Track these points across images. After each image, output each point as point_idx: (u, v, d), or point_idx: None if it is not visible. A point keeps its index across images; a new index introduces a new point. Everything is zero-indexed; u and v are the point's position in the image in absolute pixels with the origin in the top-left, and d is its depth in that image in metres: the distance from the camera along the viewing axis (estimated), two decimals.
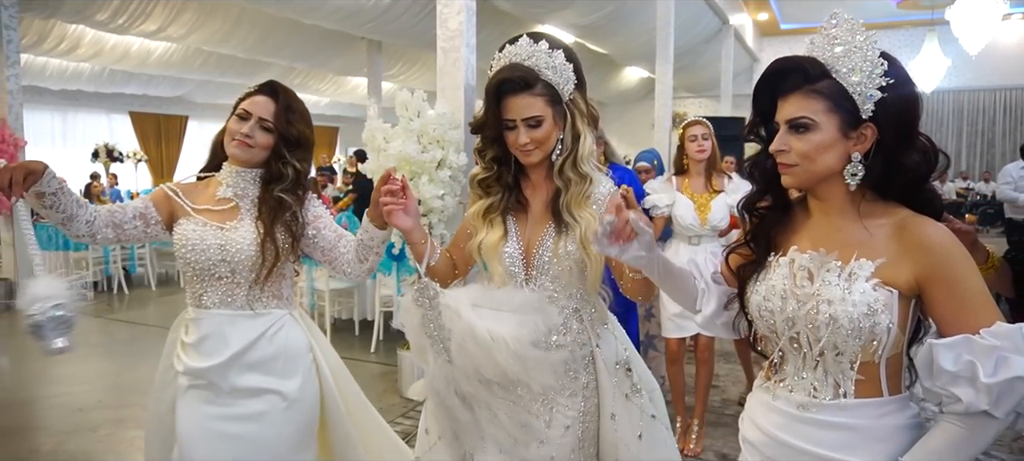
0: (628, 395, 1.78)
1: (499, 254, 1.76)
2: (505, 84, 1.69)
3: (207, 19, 9.74)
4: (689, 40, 12.73)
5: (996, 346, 1.16)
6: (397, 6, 9.19)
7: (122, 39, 10.85)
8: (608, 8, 10.49)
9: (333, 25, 9.68)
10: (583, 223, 1.70)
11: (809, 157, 1.31)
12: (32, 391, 5.03)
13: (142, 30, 9.53)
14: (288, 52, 11.68)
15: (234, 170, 2.01)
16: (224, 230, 1.95)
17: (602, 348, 1.79)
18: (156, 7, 9.05)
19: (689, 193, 3.63)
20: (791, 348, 1.36)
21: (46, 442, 3.91)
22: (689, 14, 11.76)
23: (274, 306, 2.01)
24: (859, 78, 1.28)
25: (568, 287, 1.75)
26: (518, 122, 1.69)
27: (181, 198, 2.01)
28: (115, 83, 13.95)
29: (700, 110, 19.31)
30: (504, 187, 1.80)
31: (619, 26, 11.47)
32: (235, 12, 9.79)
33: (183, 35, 10.03)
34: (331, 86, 16.16)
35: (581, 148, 1.74)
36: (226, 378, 1.94)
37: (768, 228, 1.45)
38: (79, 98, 14.68)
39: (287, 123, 1.98)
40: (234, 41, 10.59)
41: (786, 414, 1.36)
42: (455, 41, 4.53)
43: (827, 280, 1.28)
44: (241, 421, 1.93)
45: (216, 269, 1.94)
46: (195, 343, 1.97)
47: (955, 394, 1.17)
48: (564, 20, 11.07)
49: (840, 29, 1.31)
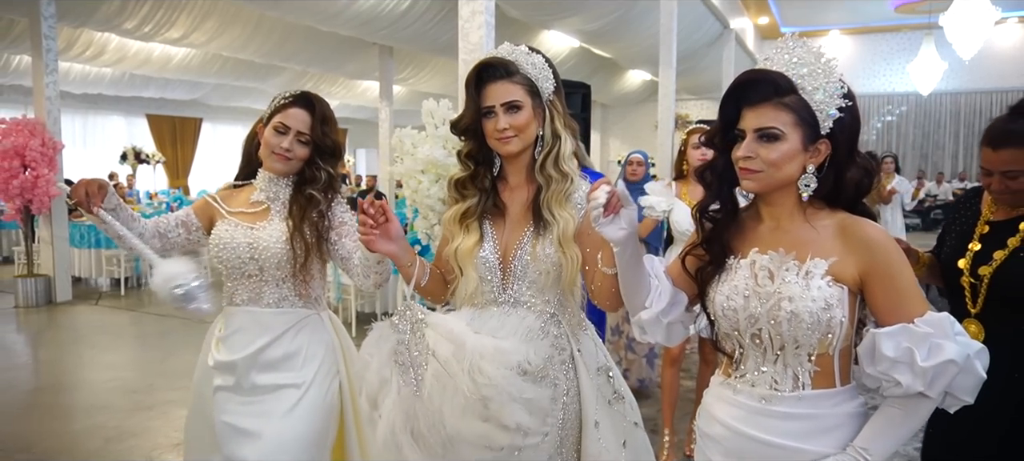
0: (611, 402, 1.76)
1: (474, 259, 1.72)
2: (486, 70, 1.70)
3: (228, 26, 10.17)
4: (691, 44, 13.07)
5: (930, 333, 1.27)
6: (411, 13, 9.58)
7: (144, 45, 11.28)
8: (613, 14, 10.85)
9: (349, 32, 10.08)
10: (562, 222, 1.68)
11: (775, 165, 1.37)
12: (85, 376, 5.44)
13: (167, 37, 9.97)
14: (304, 57, 12.11)
15: (268, 177, 2.08)
16: (254, 229, 2.02)
17: (583, 353, 1.76)
18: (181, 15, 9.49)
19: (687, 199, 3.64)
20: (752, 344, 1.42)
21: (110, 419, 4.30)
22: (691, 19, 12.09)
23: (301, 305, 2.06)
24: (822, 97, 1.36)
25: (545, 292, 1.72)
26: (497, 107, 1.68)
27: (218, 203, 2.11)
28: (134, 87, 14.41)
29: (702, 112, 19.63)
30: (481, 190, 1.77)
31: (623, 31, 11.83)
32: (255, 19, 10.21)
33: (205, 41, 10.47)
34: (342, 89, 16.56)
35: (562, 146, 1.72)
36: (248, 376, 2.00)
37: (721, 232, 1.49)
38: (99, 102, 15.13)
39: (322, 134, 2.02)
40: (252, 47, 11.02)
41: (747, 407, 1.42)
42: (476, 53, 4.90)
43: (786, 279, 1.36)
44: (260, 417, 1.98)
45: (245, 267, 2.01)
46: (225, 337, 2.06)
47: (895, 378, 1.28)
48: (571, 26, 11.44)
49: (804, 51, 1.39)
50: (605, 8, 10.51)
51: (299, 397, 1.99)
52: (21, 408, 4.69)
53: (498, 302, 1.72)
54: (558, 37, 12.66)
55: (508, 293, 1.72)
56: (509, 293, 1.72)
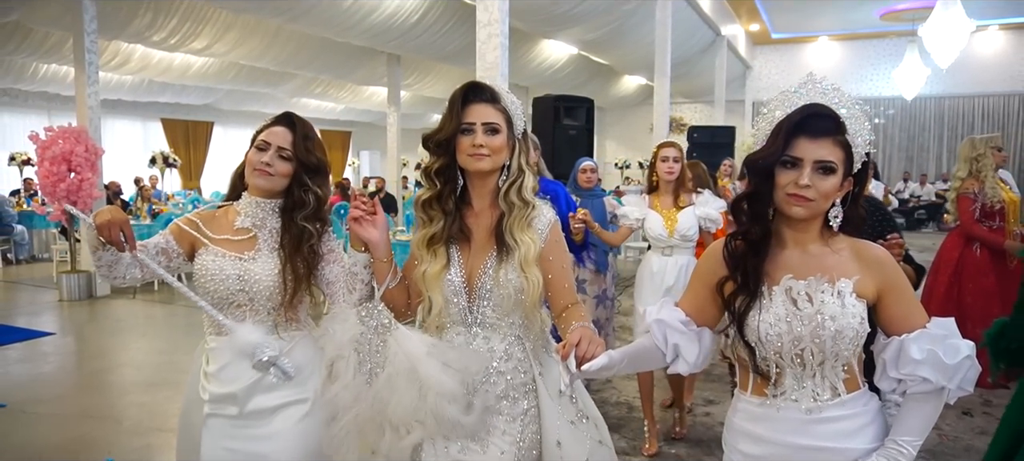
0: (573, 422, 1.80)
1: (441, 283, 1.77)
2: (473, 91, 1.79)
3: (248, 37, 10.82)
4: (685, 51, 13.68)
5: (945, 335, 1.45)
6: (421, 24, 10.23)
7: (166, 54, 11.90)
8: (611, 25, 11.50)
9: (363, 42, 10.74)
10: (524, 247, 1.75)
11: (826, 196, 1.48)
12: (139, 358, 6.05)
13: (191, 48, 10.62)
14: (316, 65, 12.78)
15: (253, 200, 2.03)
16: (243, 260, 1.98)
17: (545, 376, 1.81)
18: (206, 27, 10.11)
19: (659, 208, 3.87)
20: (792, 364, 1.52)
21: (175, 395, 4.91)
22: (685, 27, 12.70)
23: (293, 329, 2.03)
24: (860, 141, 1.51)
25: (509, 314, 1.77)
26: (477, 125, 1.75)
27: (199, 230, 2.04)
28: (151, 92, 15.08)
29: (695, 115, 20.28)
30: (446, 214, 1.81)
31: (620, 40, 12.48)
32: (273, 30, 10.85)
33: (226, 52, 11.11)
34: (349, 94, 17.19)
35: (525, 180, 1.81)
36: (250, 401, 1.97)
37: (758, 264, 1.54)
38: (118, 107, 15.71)
39: (305, 150, 2.00)
40: (270, 56, 11.67)
41: (794, 420, 1.53)
42: (491, 72, 5.52)
43: (825, 301, 1.48)
44: (259, 441, 1.97)
45: (234, 298, 1.97)
46: (216, 372, 2.00)
47: (921, 376, 1.44)
48: (571, 36, 12.10)
49: (839, 95, 1.53)
50: (603, 19, 11.11)
51: (305, 412, 1.98)
52: (98, 385, 5.31)
53: (465, 323, 1.79)
54: (558, 45, 13.30)
55: (473, 315, 1.78)
56: (474, 315, 1.78)
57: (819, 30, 18.77)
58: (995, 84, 18.08)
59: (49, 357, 6.07)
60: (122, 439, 4.22)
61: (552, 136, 6.16)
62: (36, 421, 4.50)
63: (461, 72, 12.56)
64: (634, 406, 4.50)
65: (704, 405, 4.64)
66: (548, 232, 1.81)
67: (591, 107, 6.60)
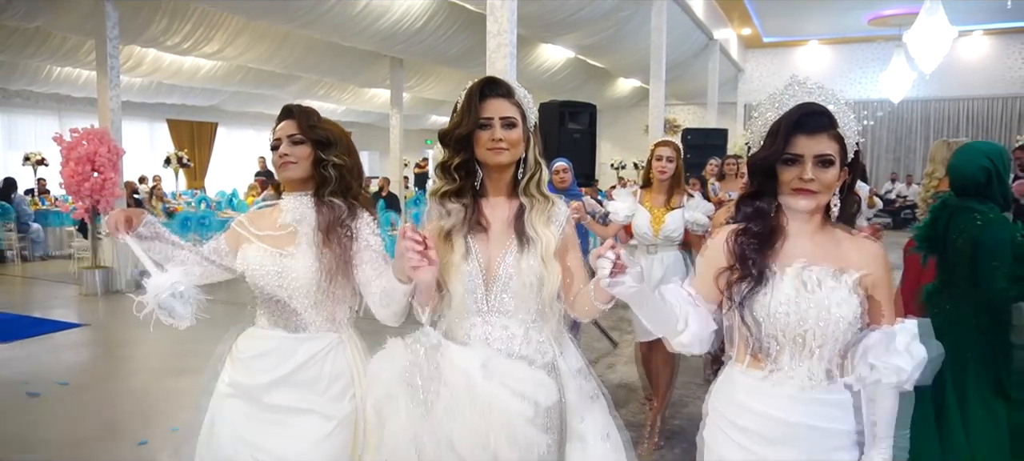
0: (593, 397, 1.87)
1: (459, 273, 1.79)
2: (489, 87, 1.81)
3: (258, 41, 11.21)
4: (679, 55, 14.06)
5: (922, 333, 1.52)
6: (425, 30, 10.63)
7: (177, 57, 12.26)
8: (608, 30, 11.91)
9: (369, 46, 11.13)
10: (545, 239, 1.79)
11: (829, 187, 1.56)
12: (164, 348, 6.40)
13: (204, 52, 11.00)
14: (322, 68, 13.21)
15: (292, 195, 2.08)
16: (282, 256, 2.01)
17: (565, 356, 1.86)
18: (218, 32, 10.49)
19: (648, 206, 3.90)
20: (793, 344, 1.58)
21: (202, 381, 5.25)
22: (679, 32, 13.09)
23: (327, 329, 2.04)
24: (850, 133, 1.60)
25: (526, 302, 1.80)
26: (495, 120, 1.77)
27: (245, 227, 2.12)
28: (159, 94, 15.43)
29: (689, 116, 20.68)
30: (464, 205, 1.82)
31: (616, 45, 12.90)
32: (282, 35, 11.24)
33: (236, 55, 11.49)
34: (351, 96, 17.61)
35: (542, 173, 1.86)
36: (268, 395, 1.99)
37: (762, 251, 1.62)
38: (127, 108, 15.98)
39: (310, 128, 2.03)
40: (278, 59, 12.07)
41: (790, 397, 1.59)
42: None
43: (832, 287, 1.55)
44: (277, 440, 1.97)
45: (274, 292, 2.01)
46: (247, 359, 2.04)
47: (897, 365, 1.48)
48: (569, 41, 12.51)
49: (824, 92, 1.63)
50: (601, 24, 11.50)
51: (328, 432, 1.98)
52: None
53: (481, 312, 1.81)
54: (554, 49, 13.71)
55: (490, 304, 1.80)
56: (491, 304, 1.80)
57: (809, 34, 19.18)
58: (979, 87, 18.56)
59: (77, 347, 6.38)
60: (153, 424, 4.39)
61: (557, 139, 6.55)
62: (69, 409, 4.66)
63: (462, 75, 12.98)
64: (634, 387, 4.77)
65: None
66: (566, 227, 1.88)
67: (594, 112, 7.02)
